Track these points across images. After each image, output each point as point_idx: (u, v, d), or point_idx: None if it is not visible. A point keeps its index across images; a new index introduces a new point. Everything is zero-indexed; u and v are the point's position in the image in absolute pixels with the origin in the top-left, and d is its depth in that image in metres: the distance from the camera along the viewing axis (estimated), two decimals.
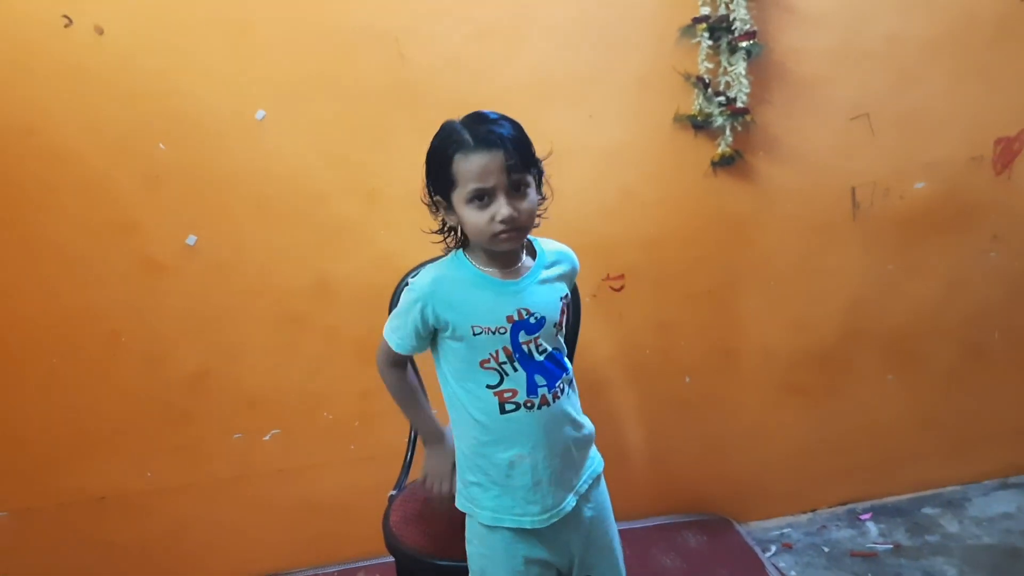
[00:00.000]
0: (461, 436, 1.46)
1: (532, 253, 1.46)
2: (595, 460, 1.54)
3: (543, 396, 1.40)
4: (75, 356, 2.16)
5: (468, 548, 1.49)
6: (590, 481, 1.50)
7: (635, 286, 2.38)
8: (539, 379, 1.39)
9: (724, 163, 2.28)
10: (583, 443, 1.49)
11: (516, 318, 1.37)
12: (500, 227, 1.32)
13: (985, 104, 2.39)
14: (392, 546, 1.66)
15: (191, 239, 2.13)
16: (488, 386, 1.39)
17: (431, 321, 1.40)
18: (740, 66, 2.17)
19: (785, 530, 2.56)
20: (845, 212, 2.41)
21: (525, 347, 1.38)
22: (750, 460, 2.58)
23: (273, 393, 2.30)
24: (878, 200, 2.41)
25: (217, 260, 2.16)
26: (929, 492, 2.66)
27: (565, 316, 1.45)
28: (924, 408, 2.61)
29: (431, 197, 1.39)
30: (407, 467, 1.91)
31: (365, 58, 2.11)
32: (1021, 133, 2.42)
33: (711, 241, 2.37)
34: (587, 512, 1.49)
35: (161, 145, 2.07)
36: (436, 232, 1.44)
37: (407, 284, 1.46)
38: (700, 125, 2.25)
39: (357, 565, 2.45)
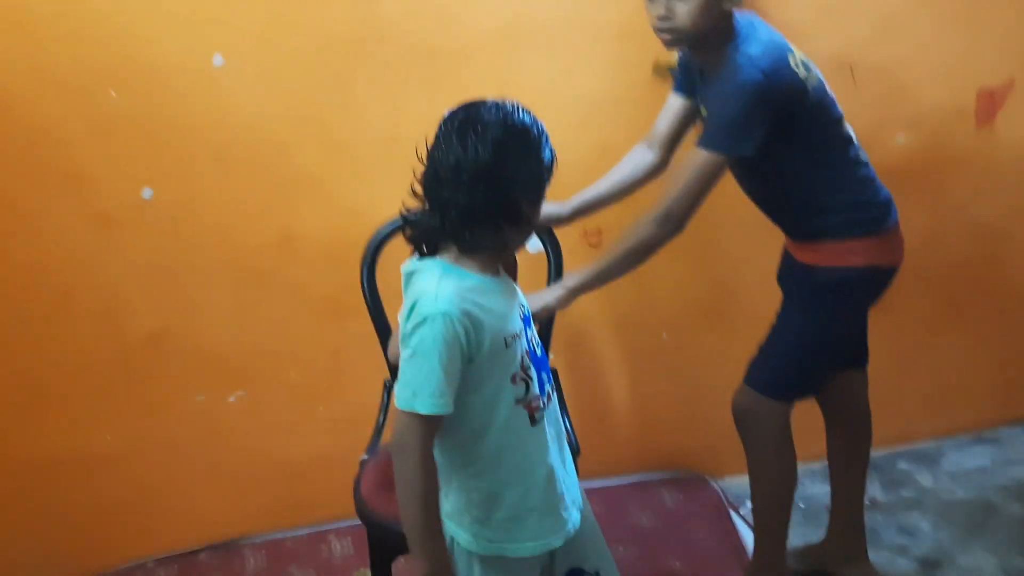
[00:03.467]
0: (482, 480, 1.26)
1: None
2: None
3: (548, 393, 1.28)
4: (24, 314, 2.07)
5: None
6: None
7: (610, 239, 2.31)
8: (543, 375, 1.28)
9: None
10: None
11: (523, 313, 1.26)
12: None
13: (969, 54, 2.34)
14: (363, 515, 1.61)
15: (146, 192, 2.03)
16: (516, 400, 1.22)
17: (468, 354, 1.16)
18: None
19: None
20: None
21: (532, 345, 1.25)
22: (726, 415, 2.55)
23: (236, 353, 2.23)
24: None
25: (174, 214, 2.07)
26: (904, 447, 2.64)
27: None
28: (899, 362, 2.59)
29: (487, 211, 1.15)
30: (379, 430, 1.86)
31: (329, 1, 2.00)
32: (1004, 84, 2.37)
33: None
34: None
35: (112, 92, 1.95)
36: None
37: (420, 319, 1.13)
38: None
39: (327, 528, 2.40)
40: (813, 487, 2.51)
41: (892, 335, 2.55)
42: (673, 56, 2.15)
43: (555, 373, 1.91)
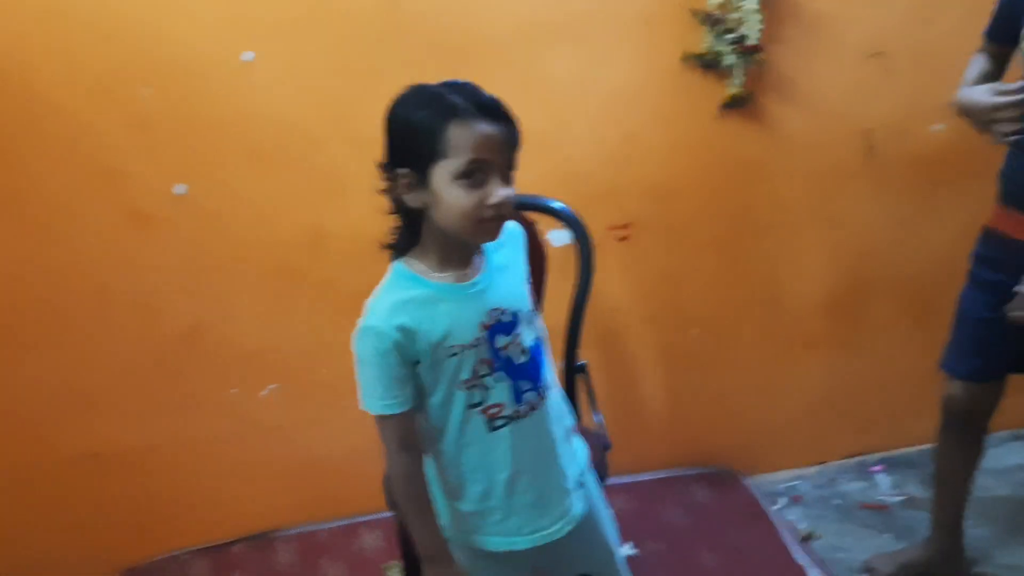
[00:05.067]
0: (447, 472, 1.28)
1: None
2: (581, 450, 1.40)
3: (530, 402, 1.25)
4: (64, 311, 2.10)
5: None
6: (582, 474, 1.38)
7: (641, 235, 2.30)
8: (523, 384, 1.24)
9: (734, 105, 2.18)
10: (570, 434, 1.36)
11: (490, 323, 1.21)
12: (491, 212, 1.14)
13: None
14: (393, 504, 1.61)
15: (179, 188, 2.05)
16: (470, 406, 1.22)
17: (411, 355, 1.19)
18: (752, 2, 2.06)
19: (794, 483, 2.51)
20: (859, 156, 2.31)
21: (504, 352, 1.22)
22: (759, 412, 2.53)
23: (269, 348, 2.24)
24: (893, 143, 2.32)
25: (207, 210, 2.08)
26: None
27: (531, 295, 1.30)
28: (936, 358, 2.54)
29: (393, 168, 1.18)
30: None
31: None
32: None
33: (720, 188, 2.28)
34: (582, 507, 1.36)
35: (144, 88, 1.97)
36: (393, 213, 1.23)
37: (357, 329, 1.22)
38: (709, 65, 2.15)
39: (358, 521, 2.41)
40: (848, 485, 2.48)
41: (930, 331, 2.49)
42: (701, 45, 2.13)
43: (584, 368, 1.93)
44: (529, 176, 2.10)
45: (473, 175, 1.12)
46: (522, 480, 1.26)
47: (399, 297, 1.20)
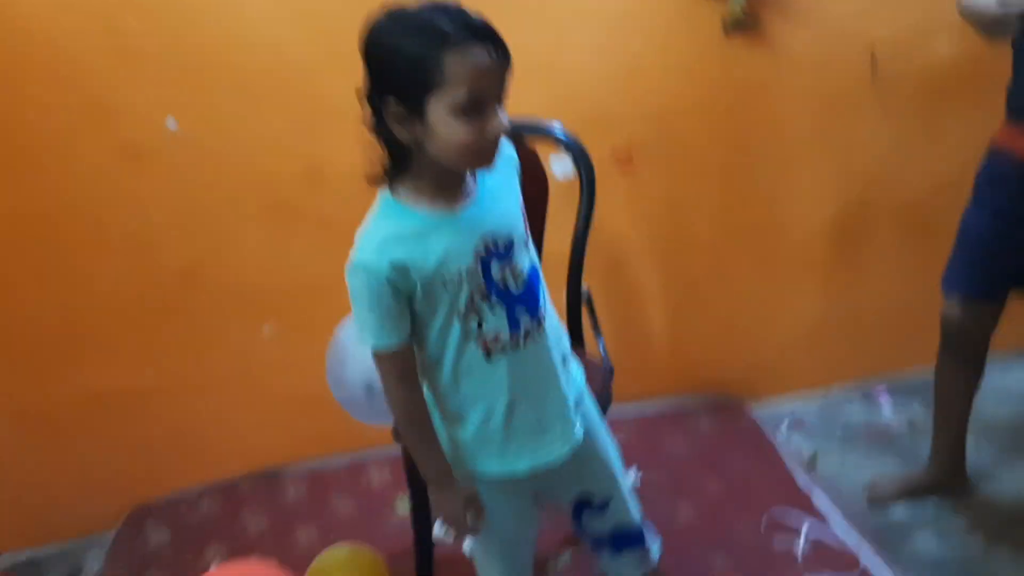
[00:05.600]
0: (447, 394, 1.26)
1: None
2: (579, 372, 1.38)
3: (527, 330, 1.22)
4: (59, 250, 2.08)
5: None
6: (580, 396, 1.36)
7: (643, 162, 2.26)
8: (520, 311, 1.21)
9: (737, 26, 2.13)
10: (567, 358, 1.34)
11: (484, 251, 1.17)
12: (490, 144, 1.11)
13: None
14: (397, 435, 1.61)
15: (171, 122, 2.01)
16: (468, 335, 1.20)
17: (404, 288, 1.15)
18: None
19: (797, 408, 2.52)
20: (864, 77, 2.26)
21: (500, 282, 1.19)
22: (762, 339, 2.53)
23: (269, 286, 2.22)
24: (899, 63, 2.26)
25: (200, 145, 2.04)
26: None
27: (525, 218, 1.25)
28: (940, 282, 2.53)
29: (379, 100, 1.11)
30: None
31: None
32: None
33: (723, 112, 2.24)
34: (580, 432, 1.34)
35: (133, 20, 1.91)
36: (382, 145, 1.16)
37: (348, 265, 1.18)
38: None
39: (366, 455, 2.43)
40: (851, 410, 2.49)
41: (934, 255, 2.48)
42: (737, 6, 2.07)
43: (589, 296, 1.92)
44: (529, 100, 2.04)
45: (473, 107, 1.07)
46: (521, 406, 1.26)
47: (390, 230, 1.16)
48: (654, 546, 1.51)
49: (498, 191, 1.22)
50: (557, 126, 1.84)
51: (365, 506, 2.25)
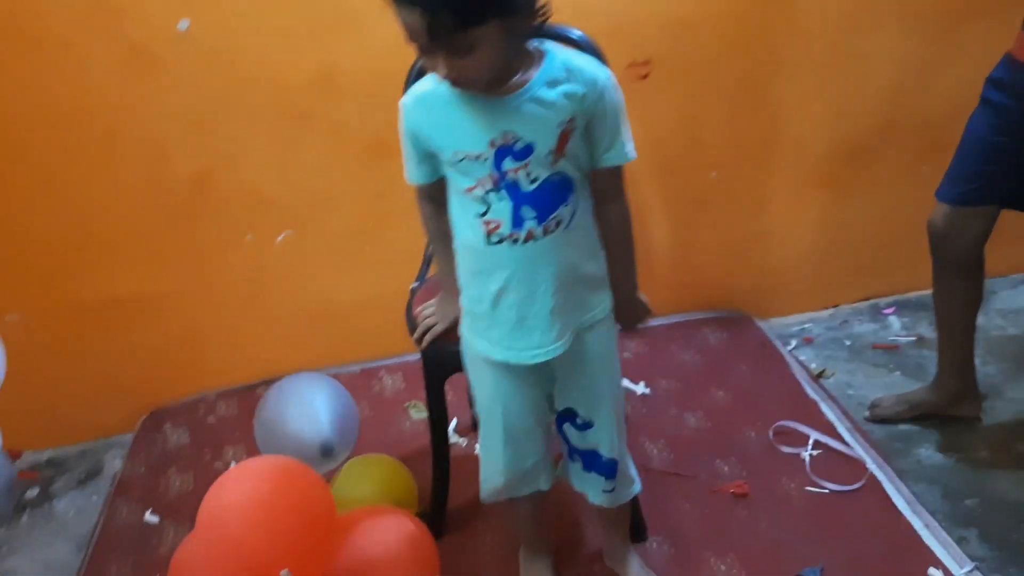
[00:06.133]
0: (459, 263, 1.36)
1: (539, 63, 1.21)
2: (599, 305, 1.39)
3: (530, 230, 1.24)
4: (71, 154, 2.07)
5: (467, 373, 1.46)
6: (587, 325, 1.37)
7: (661, 73, 2.23)
8: (526, 211, 1.23)
9: None
10: (583, 284, 1.34)
11: (500, 142, 1.19)
12: (453, 83, 1.15)
13: None
14: (413, 329, 1.63)
15: (183, 24, 1.97)
16: (477, 214, 1.25)
17: (423, 145, 1.26)
18: None
19: (806, 325, 2.55)
20: None
21: (511, 175, 1.21)
22: (773, 256, 2.53)
23: (281, 193, 2.22)
24: None
25: (212, 47, 2.01)
26: None
27: (569, 143, 1.22)
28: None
29: None
30: (427, 261, 1.86)
31: None
32: None
33: (745, 24, 2.19)
34: (574, 353, 1.36)
35: None
36: None
37: None
38: None
39: (377, 364, 2.47)
40: (860, 326, 2.51)
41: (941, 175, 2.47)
42: None
43: None
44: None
45: (422, 52, 1.12)
46: (508, 298, 1.30)
47: (426, 88, 1.24)
48: (624, 488, 1.54)
49: (545, 103, 1.19)
50: (576, 32, 1.80)
51: (378, 410, 2.30)
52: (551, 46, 1.23)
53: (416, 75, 1.68)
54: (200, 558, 1.49)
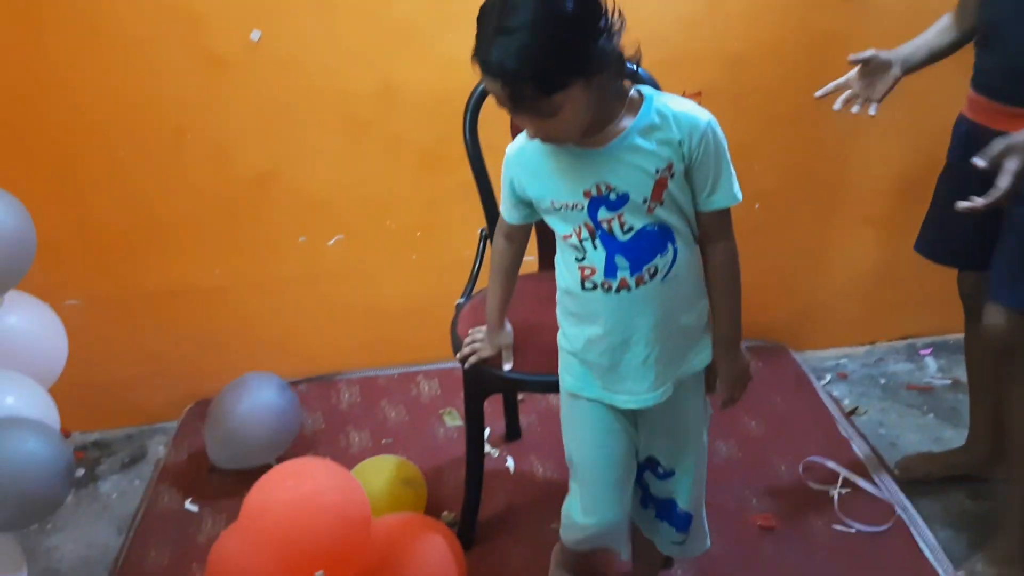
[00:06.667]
0: (559, 300, 1.37)
1: (636, 110, 1.21)
2: (697, 356, 1.37)
3: (622, 279, 1.25)
4: (142, 151, 2.16)
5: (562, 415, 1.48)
6: (685, 376, 1.36)
7: (713, 105, 2.19)
8: (620, 260, 1.24)
9: None
10: (682, 335, 1.33)
11: (594, 193, 1.20)
12: (539, 139, 1.19)
13: None
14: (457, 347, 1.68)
15: (255, 34, 2.05)
16: (575, 259, 1.27)
17: (520, 193, 1.31)
18: None
19: (842, 360, 2.56)
20: None
21: (606, 224, 1.22)
22: (813, 290, 2.55)
23: (337, 198, 2.30)
24: None
25: (281, 57, 2.09)
26: None
27: (666, 190, 1.21)
28: None
29: None
30: (474, 277, 1.90)
31: None
32: None
33: (799, 59, 2.22)
34: (666, 402, 1.35)
35: None
36: None
37: None
38: None
39: (416, 369, 2.53)
40: (895, 365, 2.52)
41: None
42: None
43: None
44: None
45: (511, 113, 1.16)
46: (601, 344, 1.31)
47: (525, 142, 1.28)
48: (696, 543, 1.54)
49: (642, 152, 1.19)
50: (629, 64, 1.84)
51: (414, 414, 2.36)
52: (649, 91, 1.23)
53: (479, 96, 1.74)
54: (240, 551, 1.56)
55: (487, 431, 2.17)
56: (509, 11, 1.06)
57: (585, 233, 1.24)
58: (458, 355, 1.64)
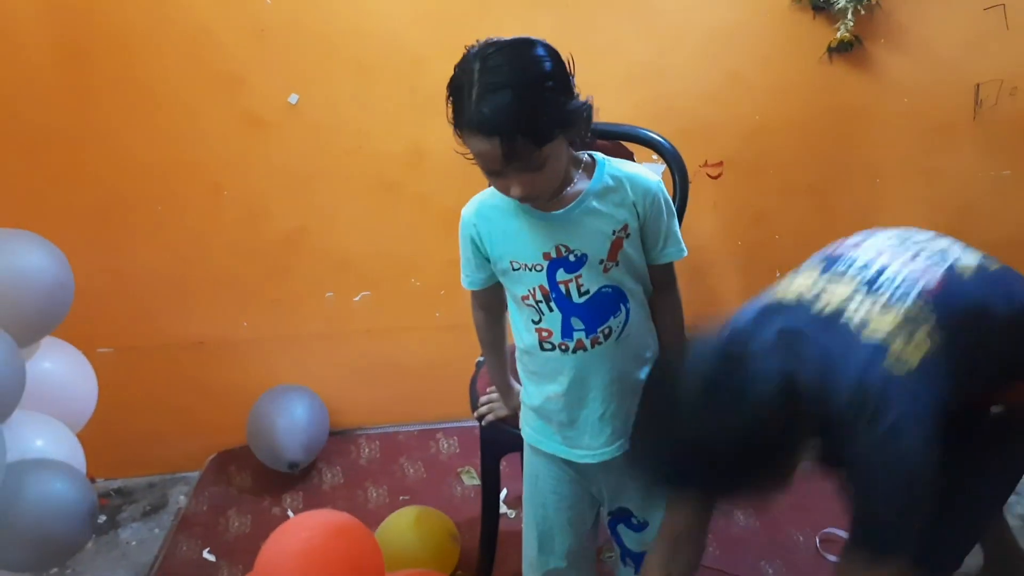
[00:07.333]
0: (518, 358, 1.42)
1: (590, 173, 1.27)
2: None
3: (579, 340, 1.29)
4: (181, 206, 2.24)
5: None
6: None
7: (733, 175, 2.31)
8: (576, 323, 1.28)
9: (842, 49, 2.16)
10: (636, 390, 1.27)
11: (553, 255, 1.25)
12: (519, 199, 1.20)
13: None
14: (475, 406, 1.71)
15: (293, 97, 2.15)
16: (532, 320, 1.32)
17: (482, 250, 1.32)
18: None
19: None
20: (966, 111, 2.27)
21: (563, 287, 1.27)
22: None
23: (365, 256, 2.36)
24: (1003, 100, 2.26)
25: (317, 120, 2.18)
26: None
27: (622, 250, 1.27)
28: None
29: None
30: None
31: None
32: None
33: (818, 133, 2.28)
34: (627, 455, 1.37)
35: (266, 7, 2.06)
36: None
37: None
38: (820, 6, 2.13)
39: (435, 427, 2.55)
40: None
41: None
42: (845, 29, 2.10)
43: None
44: (625, 106, 2.14)
45: (488, 173, 1.18)
46: (559, 401, 1.35)
47: (488, 199, 1.31)
48: None
49: (599, 213, 1.25)
50: (654, 134, 1.90)
51: (433, 472, 2.37)
52: (600, 156, 1.29)
53: None
54: None
55: (504, 491, 2.18)
56: (490, 73, 1.11)
57: (540, 295, 1.28)
58: (475, 413, 1.67)
